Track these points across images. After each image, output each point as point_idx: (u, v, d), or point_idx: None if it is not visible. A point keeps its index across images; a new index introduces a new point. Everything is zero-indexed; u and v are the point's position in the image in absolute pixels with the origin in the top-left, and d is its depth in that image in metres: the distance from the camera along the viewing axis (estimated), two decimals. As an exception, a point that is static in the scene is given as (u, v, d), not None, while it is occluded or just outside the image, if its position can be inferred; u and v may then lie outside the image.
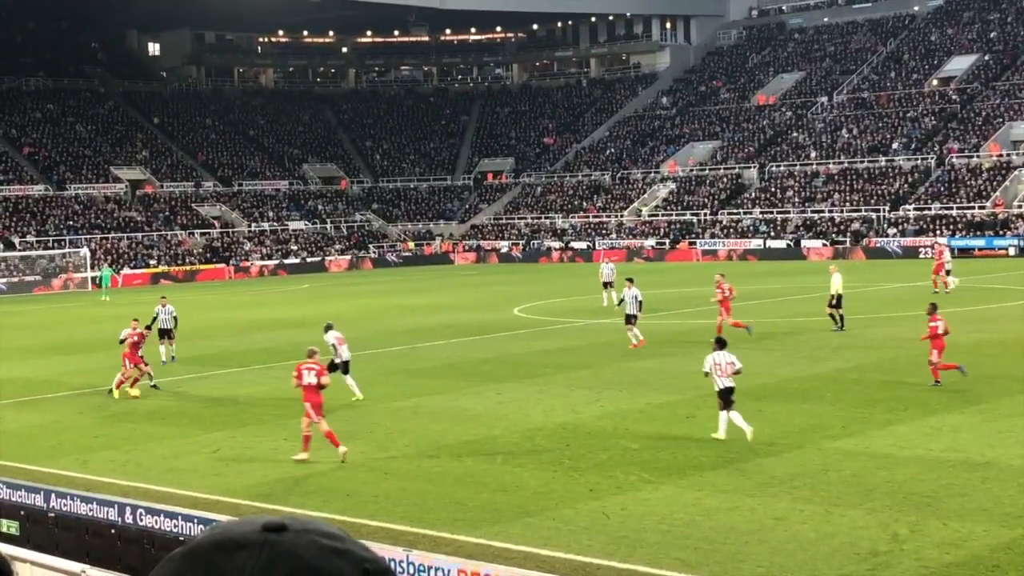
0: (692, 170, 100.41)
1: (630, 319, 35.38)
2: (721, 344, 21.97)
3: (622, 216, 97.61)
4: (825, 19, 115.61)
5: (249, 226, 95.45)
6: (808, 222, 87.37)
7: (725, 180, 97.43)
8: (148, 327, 32.07)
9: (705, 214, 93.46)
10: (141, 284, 77.98)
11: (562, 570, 13.90)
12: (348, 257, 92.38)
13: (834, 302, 36.94)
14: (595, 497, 17.62)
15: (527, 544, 15.23)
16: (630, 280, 37.04)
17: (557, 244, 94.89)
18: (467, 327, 40.94)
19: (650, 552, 14.70)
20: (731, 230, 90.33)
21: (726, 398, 21.05)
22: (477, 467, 20.06)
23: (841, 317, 36.74)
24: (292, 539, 1.86)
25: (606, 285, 48.39)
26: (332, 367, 25.56)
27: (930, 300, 31.98)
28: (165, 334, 34.83)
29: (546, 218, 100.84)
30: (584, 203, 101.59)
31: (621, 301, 36.96)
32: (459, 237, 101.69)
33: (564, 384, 28.27)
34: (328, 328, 27.86)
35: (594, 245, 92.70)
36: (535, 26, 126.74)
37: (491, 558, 14.28)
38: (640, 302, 35.98)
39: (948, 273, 49.65)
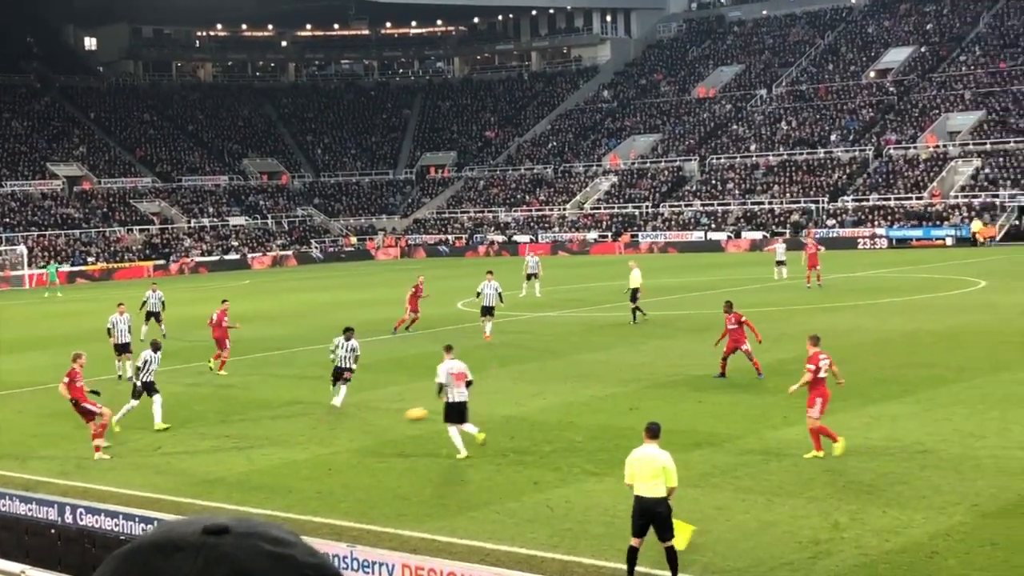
0: (634, 163, 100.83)
1: (487, 311, 35.87)
2: (450, 349, 20.98)
3: (564, 209, 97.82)
4: (763, 12, 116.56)
5: (189, 222, 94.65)
6: (748, 214, 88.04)
7: (666, 173, 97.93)
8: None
9: (647, 207, 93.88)
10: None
11: (507, 563, 13.92)
12: (272, 254, 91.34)
13: (632, 296, 38.12)
14: (539, 490, 17.67)
15: (471, 538, 15.25)
16: (490, 272, 37.59)
17: (501, 238, 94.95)
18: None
19: (594, 544, 14.77)
20: (672, 223, 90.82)
21: (461, 412, 19.99)
22: (421, 462, 20.05)
23: (635, 311, 38.01)
24: (232, 542, 1.83)
25: (529, 277, 49.92)
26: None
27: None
28: (153, 316, 37.98)
29: (489, 212, 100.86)
30: (527, 196, 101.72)
31: (479, 294, 37.29)
32: (402, 231, 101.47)
33: (509, 377, 28.30)
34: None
35: (537, 239, 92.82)
36: (476, 20, 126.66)
37: (435, 552, 14.28)
38: (500, 294, 36.86)
39: (781, 264, 52.39)
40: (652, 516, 12.93)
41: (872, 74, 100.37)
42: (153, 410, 23.60)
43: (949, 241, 75.89)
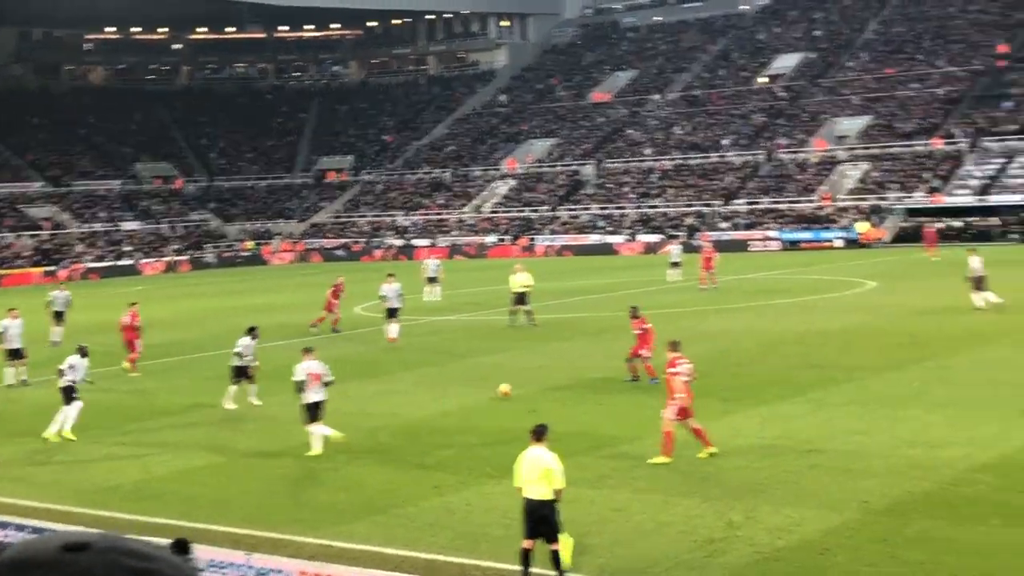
0: (531, 167, 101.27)
1: (392, 313, 35.99)
2: (309, 351, 21.55)
3: (463, 213, 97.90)
4: (657, 18, 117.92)
5: (80, 227, 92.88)
6: (644, 217, 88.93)
7: (563, 177, 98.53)
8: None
9: (545, 210, 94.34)
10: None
11: (407, 568, 13.94)
12: (166, 260, 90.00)
13: (516, 300, 38.69)
14: (439, 494, 17.70)
15: (371, 543, 15.22)
16: (391, 275, 37.78)
17: (399, 242, 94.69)
18: (298, 327, 40.49)
19: (494, 546, 14.84)
20: (570, 226, 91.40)
21: (316, 412, 20.65)
22: (319, 467, 19.96)
23: (515, 314, 38.53)
24: (91, 559, 1.81)
25: (430, 280, 50.17)
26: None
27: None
28: (59, 316, 39.85)
29: (387, 216, 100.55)
30: (425, 200, 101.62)
31: (381, 297, 37.37)
32: (299, 236, 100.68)
33: (409, 381, 28.29)
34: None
35: (435, 243, 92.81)
36: (372, 23, 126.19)
37: (334, 558, 14.24)
38: (402, 296, 37.17)
39: (676, 265, 53.55)
40: (538, 518, 13.03)
41: (763, 80, 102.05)
42: (61, 416, 23.05)
43: (839, 243, 77.40)
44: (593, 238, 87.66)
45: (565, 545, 13.16)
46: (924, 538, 14.34)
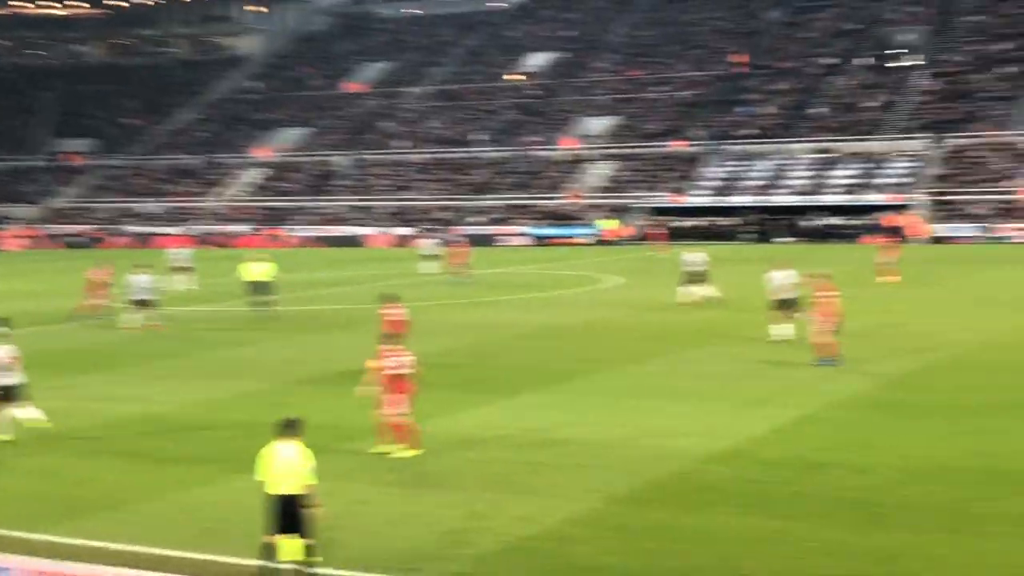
0: (283, 156, 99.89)
1: (141, 304, 35.23)
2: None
3: (212, 201, 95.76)
4: (412, 10, 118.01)
5: None
6: (397, 210, 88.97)
7: (316, 167, 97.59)
8: None
9: (297, 200, 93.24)
10: None
11: (146, 564, 13.46)
12: None
13: (257, 290, 38.73)
14: (182, 488, 17.22)
15: (107, 539, 14.65)
16: (139, 265, 36.93)
17: (144, 229, 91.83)
18: (43, 315, 38.80)
19: (236, 542, 14.51)
20: (323, 217, 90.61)
21: (9, 394, 20.56)
22: (52, 461, 19.11)
23: (266, 303, 38.42)
24: None
25: (179, 270, 49.50)
26: None
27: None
28: None
29: (132, 202, 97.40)
30: (173, 187, 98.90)
31: (128, 286, 36.58)
32: (35, 221, 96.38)
33: (149, 375, 27.41)
34: None
35: (188, 231, 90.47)
36: (119, 3, 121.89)
37: (68, 555, 13.64)
38: (154, 287, 36.56)
39: (429, 258, 54.53)
40: (286, 513, 12.79)
41: (515, 77, 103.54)
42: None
43: (586, 240, 79.29)
44: (345, 229, 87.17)
45: (294, 547, 12.85)
46: (660, 526, 14.77)
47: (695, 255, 39.67)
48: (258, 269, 39.18)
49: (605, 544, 14.11)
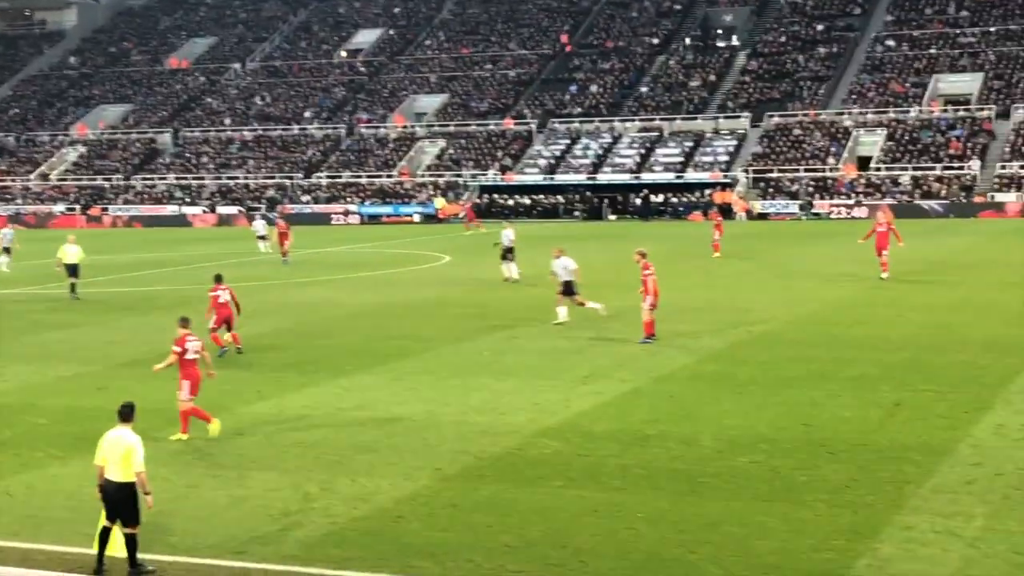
0: (103, 133, 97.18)
1: None
2: None
3: (29, 181, 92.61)
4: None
5: None
6: (224, 188, 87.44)
7: (138, 144, 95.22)
8: None
9: (118, 179, 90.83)
10: None
11: (-39, 557, 13.04)
12: None
13: (70, 272, 38.05)
14: (0, 475, 16.72)
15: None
16: None
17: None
18: None
19: (57, 529, 14.17)
20: (145, 196, 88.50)
21: None
22: None
23: (73, 286, 37.84)
24: None
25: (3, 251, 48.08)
26: None
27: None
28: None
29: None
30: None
31: None
32: None
33: (-37, 360, 26.44)
34: None
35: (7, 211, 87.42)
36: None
37: None
38: None
39: (261, 237, 54.95)
40: (117, 500, 12.55)
41: (344, 53, 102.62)
42: None
43: (417, 218, 79.26)
44: (169, 209, 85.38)
45: (115, 541, 12.58)
46: (492, 501, 14.93)
47: (510, 231, 40.07)
48: (73, 251, 38.14)
49: (437, 521, 14.20)
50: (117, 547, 12.63)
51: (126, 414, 12.97)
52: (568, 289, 29.37)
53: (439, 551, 13.09)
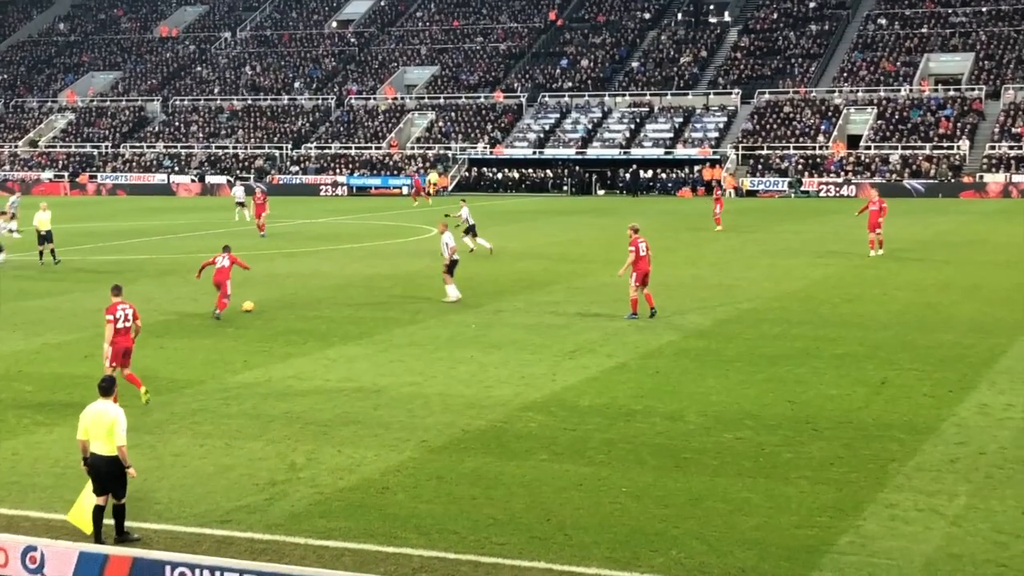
0: (92, 101, 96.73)
1: None
2: None
3: (16, 147, 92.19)
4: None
5: None
6: (212, 158, 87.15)
7: (127, 112, 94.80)
8: None
9: (107, 147, 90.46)
10: None
11: (-54, 523, 13.06)
12: None
13: (43, 239, 38.18)
14: (-17, 444, 16.70)
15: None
16: None
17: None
18: None
19: (43, 496, 14.19)
20: (134, 164, 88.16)
21: None
22: None
23: (53, 252, 38.04)
24: None
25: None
26: None
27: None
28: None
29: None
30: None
31: None
32: None
33: (-51, 326, 26.39)
34: None
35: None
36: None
37: None
38: None
39: (240, 204, 55.10)
40: (104, 474, 12.51)
41: (334, 24, 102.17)
42: None
43: (405, 190, 79.09)
44: (154, 178, 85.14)
45: (82, 519, 12.55)
46: (477, 474, 14.98)
47: (465, 208, 41.07)
48: (45, 217, 38.32)
49: (422, 493, 14.25)
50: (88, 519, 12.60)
51: (106, 388, 12.91)
52: (452, 266, 29.21)
53: (424, 523, 13.14)
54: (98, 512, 12.51)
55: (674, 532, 12.82)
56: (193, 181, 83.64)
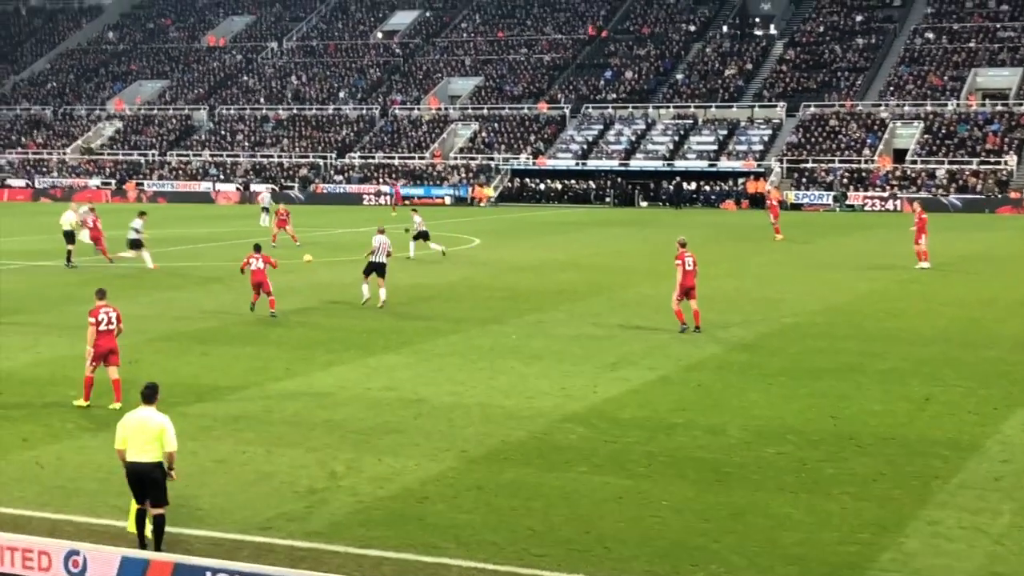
0: (140, 109, 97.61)
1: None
2: None
3: (65, 153, 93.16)
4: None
5: None
6: (257, 166, 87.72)
7: (174, 121, 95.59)
8: None
9: (153, 155, 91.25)
10: None
11: (-6, 525, 13.17)
12: None
13: (70, 238, 39.85)
14: (29, 447, 16.85)
15: (-49, 500, 14.29)
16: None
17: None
18: None
19: (86, 501, 14.29)
20: (180, 172, 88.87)
21: None
22: None
23: (69, 252, 39.65)
24: None
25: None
26: None
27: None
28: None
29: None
30: (23, 139, 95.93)
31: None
32: None
33: (-4, 330, 26.66)
34: None
35: (33, 183, 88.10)
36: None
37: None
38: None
39: (265, 210, 55.49)
40: (148, 481, 12.43)
41: (379, 35, 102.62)
42: None
43: (448, 200, 79.26)
44: (195, 185, 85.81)
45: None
46: (516, 485, 14.96)
47: (417, 217, 43.23)
48: (69, 218, 40.47)
49: (462, 503, 14.24)
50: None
51: (149, 395, 12.79)
52: (375, 267, 30.31)
53: (463, 533, 13.13)
54: (140, 516, 12.53)
55: (715, 546, 12.74)
56: (238, 189, 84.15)
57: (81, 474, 15.51)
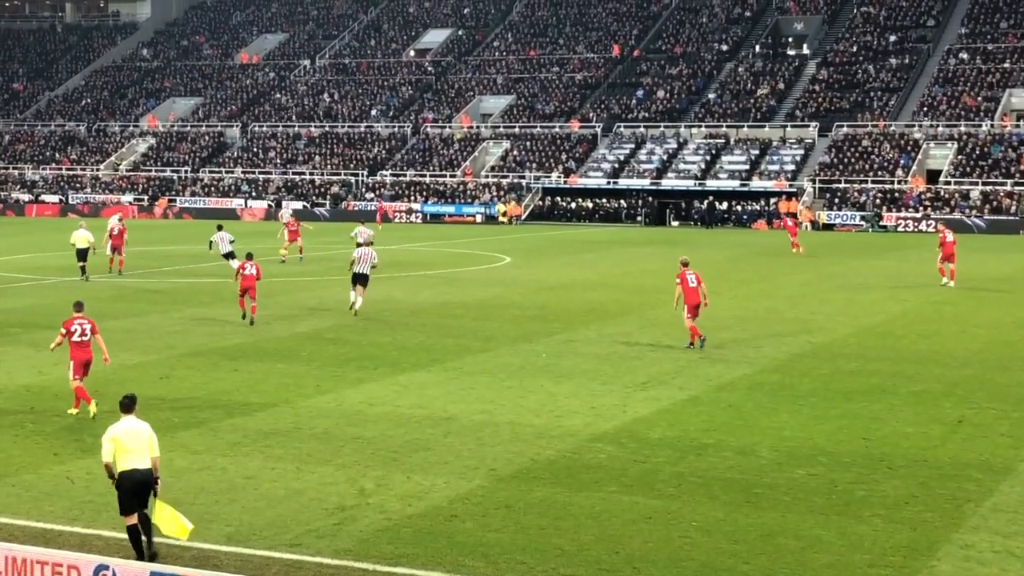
0: (173, 126, 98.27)
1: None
2: None
3: (98, 170, 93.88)
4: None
5: None
6: (289, 183, 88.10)
7: (207, 138, 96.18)
8: None
9: (186, 171, 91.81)
10: None
11: (21, 537, 13.24)
12: None
13: (81, 255, 40.57)
14: (60, 461, 16.94)
15: (-18, 514, 14.36)
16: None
17: (27, 197, 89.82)
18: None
19: (116, 516, 14.30)
20: (213, 189, 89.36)
21: None
22: (-72, 434, 18.64)
23: (83, 268, 40.43)
24: None
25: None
26: None
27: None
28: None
29: (15, 168, 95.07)
30: (57, 154, 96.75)
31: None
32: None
33: (30, 344, 26.85)
34: None
35: (67, 199, 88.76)
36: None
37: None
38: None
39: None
40: (144, 489, 12.87)
41: (412, 53, 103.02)
42: None
43: (479, 218, 79.35)
44: (236, 203, 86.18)
45: (164, 514, 12.77)
46: (546, 504, 14.92)
47: (366, 228, 44.95)
48: (83, 235, 41.00)
49: (491, 521, 14.21)
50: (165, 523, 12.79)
51: (131, 405, 13.39)
52: (364, 278, 31.34)
53: (492, 551, 13.10)
54: (132, 532, 12.76)
55: (744, 568, 12.66)
56: (269, 207, 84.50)
57: (111, 489, 15.50)
